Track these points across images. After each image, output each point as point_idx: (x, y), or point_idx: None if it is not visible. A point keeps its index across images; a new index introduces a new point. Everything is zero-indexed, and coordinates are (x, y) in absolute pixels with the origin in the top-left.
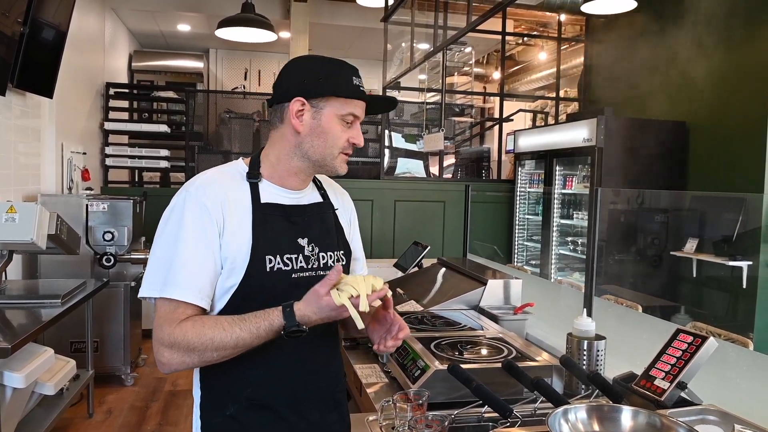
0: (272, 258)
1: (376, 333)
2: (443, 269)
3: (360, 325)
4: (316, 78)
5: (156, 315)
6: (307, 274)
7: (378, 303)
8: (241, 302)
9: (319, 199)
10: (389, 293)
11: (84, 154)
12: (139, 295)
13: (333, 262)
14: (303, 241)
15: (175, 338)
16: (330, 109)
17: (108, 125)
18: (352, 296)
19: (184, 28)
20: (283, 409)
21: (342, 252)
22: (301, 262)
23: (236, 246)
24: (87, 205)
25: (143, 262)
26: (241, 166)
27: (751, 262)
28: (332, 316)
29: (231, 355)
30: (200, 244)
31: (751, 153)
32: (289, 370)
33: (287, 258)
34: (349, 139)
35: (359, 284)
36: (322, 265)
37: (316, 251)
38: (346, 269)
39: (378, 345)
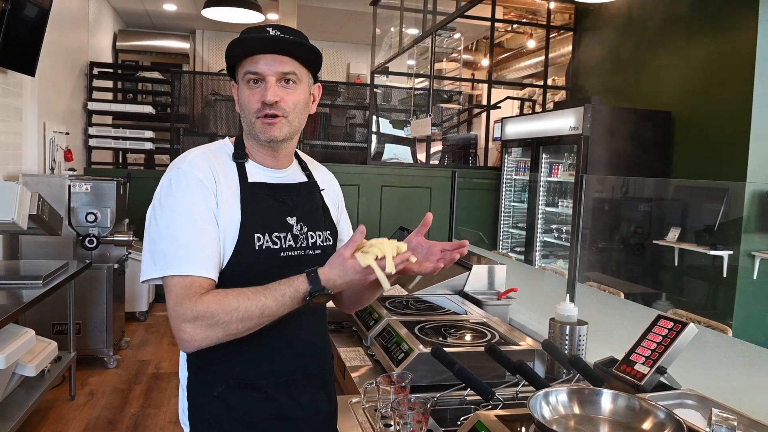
0: (261, 236)
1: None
2: None
3: (386, 285)
4: (228, 55)
5: (170, 294)
6: (296, 252)
7: (401, 266)
8: (229, 280)
9: (305, 179)
10: (413, 258)
11: (67, 134)
12: (143, 279)
13: (321, 241)
14: (291, 220)
15: (199, 311)
16: (239, 78)
17: (92, 105)
18: (377, 257)
19: (170, 7)
20: (272, 389)
21: (329, 232)
22: (289, 240)
23: (226, 224)
24: (69, 186)
25: (126, 244)
26: (228, 145)
27: (731, 252)
28: (357, 279)
29: (257, 326)
30: (204, 218)
31: (735, 143)
32: (278, 350)
33: (276, 236)
34: (260, 101)
35: (385, 246)
36: (310, 244)
37: (305, 230)
38: (334, 249)
39: (421, 266)
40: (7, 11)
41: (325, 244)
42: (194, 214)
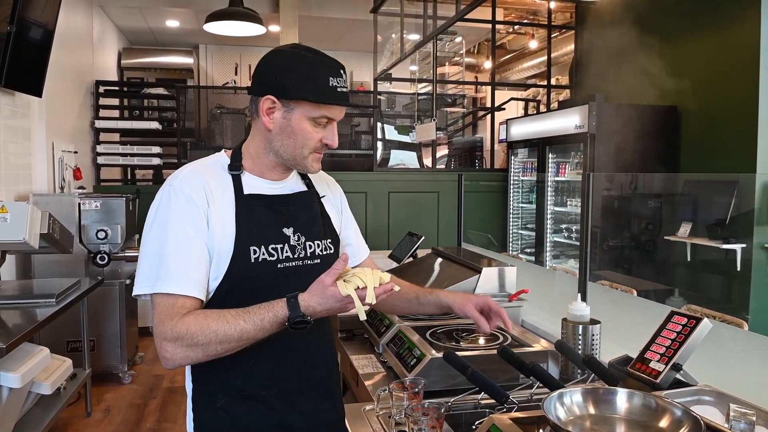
0: (257, 249)
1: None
2: (438, 259)
3: (362, 317)
4: (289, 77)
5: (155, 311)
6: (294, 263)
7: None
8: (226, 293)
9: (304, 188)
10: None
11: (75, 152)
12: (134, 293)
13: (320, 251)
14: (288, 231)
15: (178, 332)
16: (301, 110)
17: (99, 123)
18: (358, 287)
19: (172, 23)
20: (274, 399)
21: (329, 240)
22: (287, 251)
23: (220, 238)
24: (79, 204)
25: (137, 260)
26: (223, 158)
27: (744, 245)
28: (337, 308)
29: (236, 348)
30: (191, 236)
31: (742, 135)
32: (280, 361)
33: (272, 248)
34: (321, 140)
35: (367, 276)
36: (308, 255)
37: (303, 240)
38: (335, 257)
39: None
40: (12, 34)
41: (325, 253)
42: (181, 233)
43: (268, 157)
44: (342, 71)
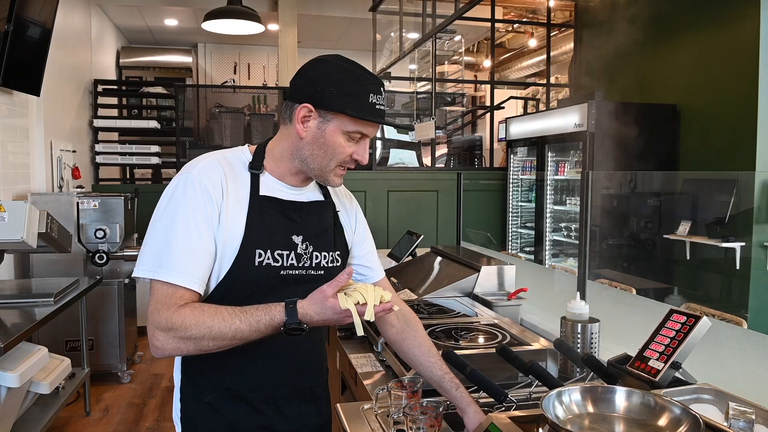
0: (262, 252)
1: None
2: (437, 257)
3: (360, 332)
4: (329, 88)
5: (152, 297)
6: (297, 272)
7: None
8: (225, 292)
9: (320, 198)
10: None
11: (74, 152)
12: (134, 275)
13: (326, 262)
14: (297, 239)
15: (173, 323)
16: (338, 123)
17: (97, 122)
18: (358, 303)
19: (171, 22)
20: (260, 402)
21: (338, 253)
22: (292, 259)
23: (229, 235)
24: (78, 203)
25: (136, 259)
26: (245, 154)
27: (743, 243)
28: (334, 320)
29: (228, 346)
30: (201, 229)
31: (742, 133)
32: (270, 366)
33: (278, 254)
34: (352, 155)
35: (368, 292)
36: (314, 265)
37: (310, 250)
38: (341, 270)
39: None
40: (10, 32)
41: (331, 265)
42: (192, 225)
43: (293, 163)
44: (382, 89)
